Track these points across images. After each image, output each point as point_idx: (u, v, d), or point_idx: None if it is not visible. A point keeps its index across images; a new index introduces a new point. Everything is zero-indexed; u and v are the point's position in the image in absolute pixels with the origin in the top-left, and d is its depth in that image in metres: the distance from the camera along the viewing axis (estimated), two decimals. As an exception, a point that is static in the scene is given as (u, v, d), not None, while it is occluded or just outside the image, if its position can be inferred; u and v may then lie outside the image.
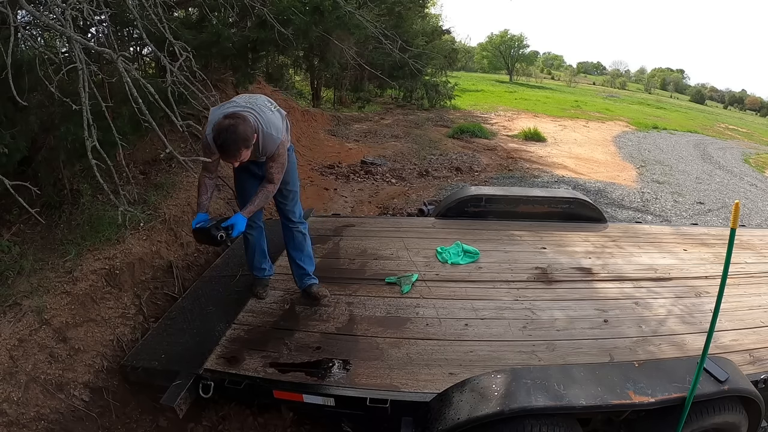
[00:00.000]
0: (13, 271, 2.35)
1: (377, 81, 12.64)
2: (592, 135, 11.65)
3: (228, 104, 2.26)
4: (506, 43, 43.38)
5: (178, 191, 3.55)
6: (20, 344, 2.08)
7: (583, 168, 7.93)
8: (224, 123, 2.03)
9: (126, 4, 2.51)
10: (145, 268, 2.87)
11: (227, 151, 2.06)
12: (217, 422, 2.27)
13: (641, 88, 58.44)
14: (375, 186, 6.14)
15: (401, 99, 14.01)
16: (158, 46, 2.69)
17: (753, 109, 54.59)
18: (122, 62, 1.98)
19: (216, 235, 2.15)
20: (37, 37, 3.00)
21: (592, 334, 2.39)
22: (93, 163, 1.92)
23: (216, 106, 2.29)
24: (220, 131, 2.02)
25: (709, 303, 2.45)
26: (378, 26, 4.74)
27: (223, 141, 2.02)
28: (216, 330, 2.41)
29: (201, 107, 3.01)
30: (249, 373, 2.09)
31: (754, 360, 2.21)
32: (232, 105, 2.24)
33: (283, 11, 4.08)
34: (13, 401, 1.93)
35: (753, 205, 6.65)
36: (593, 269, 3.07)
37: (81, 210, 2.89)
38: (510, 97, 20.90)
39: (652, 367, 1.89)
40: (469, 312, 2.54)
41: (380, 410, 1.91)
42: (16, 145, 2.33)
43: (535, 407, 1.63)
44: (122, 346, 2.45)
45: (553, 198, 3.92)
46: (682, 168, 8.83)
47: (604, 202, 5.96)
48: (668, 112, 23.69)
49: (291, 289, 2.76)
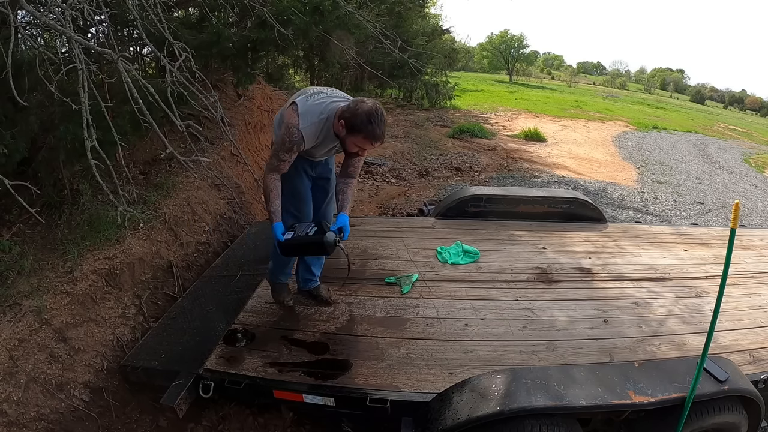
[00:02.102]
0: (13, 271, 2.35)
1: (377, 81, 12.63)
2: (592, 135, 11.66)
3: (314, 94, 2.06)
4: (506, 43, 43.40)
5: (178, 191, 3.55)
6: (20, 344, 2.08)
7: (583, 168, 7.93)
8: (370, 106, 1.89)
9: (126, 4, 2.51)
10: (145, 268, 2.87)
11: (383, 133, 1.92)
12: (217, 422, 2.27)
13: (641, 88, 58.46)
14: (375, 186, 6.14)
15: (401, 99, 14.01)
16: (158, 46, 2.69)
17: (753, 109, 54.62)
18: (122, 62, 1.98)
19: (333, 242, 1.97)
20: (37, 37, 3.00)
21: (592, 334, 2.39)
22: (92, 163, 1.92)
23: (301, 97, 2.04)
24: (376, 113, 1.87)
25: (709, 303, 2.45)
26: (378, 26, 4.73)
27: (380, 122, 1.89)
28: (216, 330, 2.41)
29: (201, 107, 3.00)
30: (249, 373, 2.08)
31: (754, 360, 2.21)
32: (321, 93, 2.06)
33: (283, 11, 4.08)
34: (13, 401, 1.93)
35: (753, 205, 6.65)
36: (593, 269, 3.07)
37: (81, 210, 2.89)
38: (510, 97, 20.90)
39: (652, 367, 1.89)
40: (469, 312, 2.54)
41: (380, 410, 1.91)
42: (16, 145, 2.33)
43: (535, 407, 1.63)
44: (122, 346, 2.45)
45: (553, 198, 3.91)
46: (682, 168, 8.83)
47: (604, 202, 5.96)
48: (668, 112, 23.69)
49: (291, 289, 2.76)
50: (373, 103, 1.92)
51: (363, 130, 1.90)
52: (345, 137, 1.98)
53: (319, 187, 2.42)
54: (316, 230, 2.01)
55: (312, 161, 2.25)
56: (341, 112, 1.96)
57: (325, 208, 2.48)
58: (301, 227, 2.08)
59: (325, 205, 2.47)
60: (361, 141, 1.96)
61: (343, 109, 1.96)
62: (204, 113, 3.36)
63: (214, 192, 3.95)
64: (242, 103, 5.69)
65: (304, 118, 1.97)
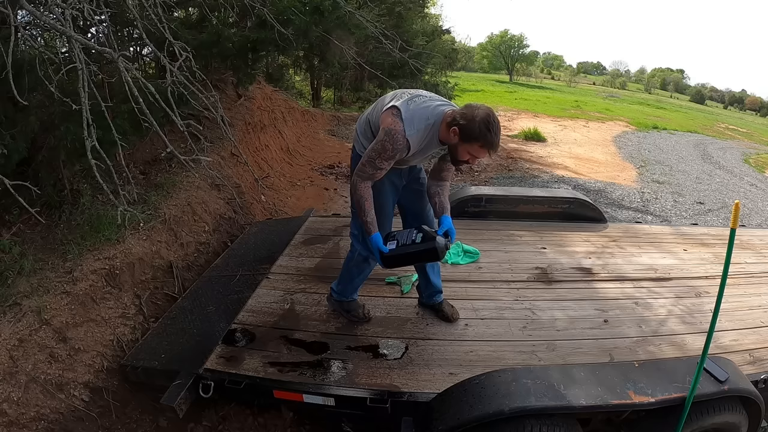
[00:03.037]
0: (13, 271, 2.35)
1: (377, 81, 12.61)
2: (592, 135, 11.66)
3: (415, 97, 1.92)
4: (506, 43, 43.45)
5: (178, 191, 3.55)
6: (20, 344, 2.08)
7: (583, 168, 7.94)
8: (487, 113, 1.78)
9: (126, 4, 2.51)
10: (145, 268, 2.87)
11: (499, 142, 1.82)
12: (217, 422, 2.27)
13: (641, 88, 58.50)
14: (375, 186, 6.13)
15: (401, 99, 13.98)
16: (158, 46, 2.69)
17: (753, 109, 54.66)
18: (122, 62, 1.98)
19: (445, 246, 1.87)
20: (37, 37, 3.00)
21: (592, 334, 2.39)
22: (92, 163, 1.92)
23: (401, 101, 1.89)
24: (494, 121, 1.77)
25: (709, 303, 2.45)
26: (378, 26, 4.73)
27: (498, 130, 1.79)
28: (216, 330, 2.41)
29: (201, 107, 3.00)
30: (249, 373, 2.08)
31: (754, 360, 2.21)
32: (420, 95, 1.93)
33: (283, 11, 4.08)
34: (13, 401, 1.93)
35: (753, 205, 6.66)
36: (593, 269, 3.07)
37: (81, 210, 2.89)
38: (510, 97, 20.91)
39: (652, 367, 1.89)
40: (469, 312, 2.54)
41: (380, 410, 1.91)
42: (16, 145, 2.33)
43: (535, 407, 1.63)
44: (122, 346, 2.45)
45: (553, 198, 3.91)
46: (682, 168, 8.83)
47: (604, 202, 5.97)
48: (668, 112, 23.71)
49: (291, 289, 2.76)
50: (488, 110, 1.81)
51: (480, 138, 1.78)
52: (457, 145, 1.84)
53: (414, 192, 2.27)
54: (422, 237, 1.88)
55: (401, 169, 2.12)
56: (451, 119, 1.82)
57: (427, 214, 2.30)
58: (402, 235, 1.95)
59: (426, 211, 2.30)
60: (477, 150, 1.83)
61: (454, 115, 1.82)
62: (204, 113, 3.36)
63: (214, 192, 3.96)
64: (242, 103, 5.70)
65: (409, 124, 1.83)
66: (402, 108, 1.85)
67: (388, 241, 1.95)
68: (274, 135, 6.50)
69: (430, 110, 1.87)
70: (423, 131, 1.85)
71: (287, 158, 6.51)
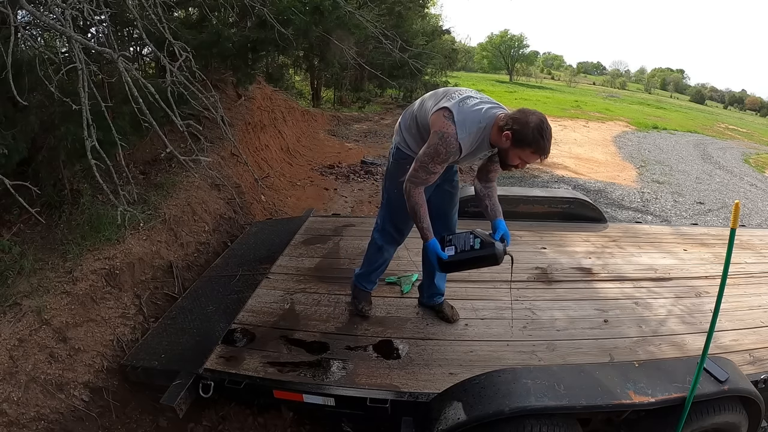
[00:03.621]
0: (13, 271, 2.35)
1: (377, 81, 12.66)
2: (592, 135, 11.67)
3: (466, 98, 1.89)
4: (506, 43, 43.46)
5: (178, 191, 3.55)
6: (20, 344, 2.08)
7: (583, 168, 7.94)
8: (540, 118, 1.76)
9: (126, 4, 2.51)
10: (145, 268, 2.87)
11: (550, 148, 1.80)
12: (217, 422, 2.27)
13: (641, 88, 58.52)
14: (375, 186, 6.14)
15: (401, 99, 14.02)
16: (158, 46, 2.69)
17: (753, 109, 54.69)
18: (122, 62, 1.98)
19: (504, 251, 1.87)
20: (37, 37, 3.00)
21: (592, 334, 2.39)
22: (92, 163, 1.92)
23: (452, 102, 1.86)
24: (547, 127, 1.75)
25: (709, 303, 2.45)
26: (378, 26, 4.74)
27: (550, 136, 1.76)
28: (216, 330, 2.41)
29: (201, 107, 3.00)
30: (249, 373, 2.08)
31: (754, 360, 2.21)
32: (471, 97, 1.90)
33: (283, 11, 4.09)
34: (13, 401, 1.93)
35: (753, 205, 6.66)
36: (593, 269, 3.07)
37: (81, 210, 2.89)
38: (510, 97, 20.92)
39: (652, 367, 1.89)
40: (469, 312, 2.54)
41: (380, 410, 1.91)
42: (16, 145, 2.32)
43: (535, 407, 1.63)
44: (122, 346, 2.45)
45: (553, 198, 3.91)
46: (682, 168, 8.84)
47: (604, 202, 5.97)
48: (668, 112, 23.72)
49: (291, 289, 2.76)
50: (541, 115, 1.79)
51: (533, 144, 1.76)
52: (508, 149, 1.82)
53: (444, 193, 2.23)
54: (480, 242, 1.86)
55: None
56: (504, 123, 1.79)
57: (452, 217, 2.31)
58: (459, 240, 1.91)
59: (453, 213, 2.30)
60: (529, 155, 1.81)
61: (507, 119, 1.79)
62: (204, 113, 3.36)
63: (214, 192, 3.96)
64: (242, 103, 5.70)
65: (461, 127, 1.80)
66: (454, 110, 1.83)
67: (445, 246, 1.92)
68: (274, 135, 6.51)
69: (482, 113, 1.84)
70: (475, 134, 1.83)
71: (287, 158, 6.51)
